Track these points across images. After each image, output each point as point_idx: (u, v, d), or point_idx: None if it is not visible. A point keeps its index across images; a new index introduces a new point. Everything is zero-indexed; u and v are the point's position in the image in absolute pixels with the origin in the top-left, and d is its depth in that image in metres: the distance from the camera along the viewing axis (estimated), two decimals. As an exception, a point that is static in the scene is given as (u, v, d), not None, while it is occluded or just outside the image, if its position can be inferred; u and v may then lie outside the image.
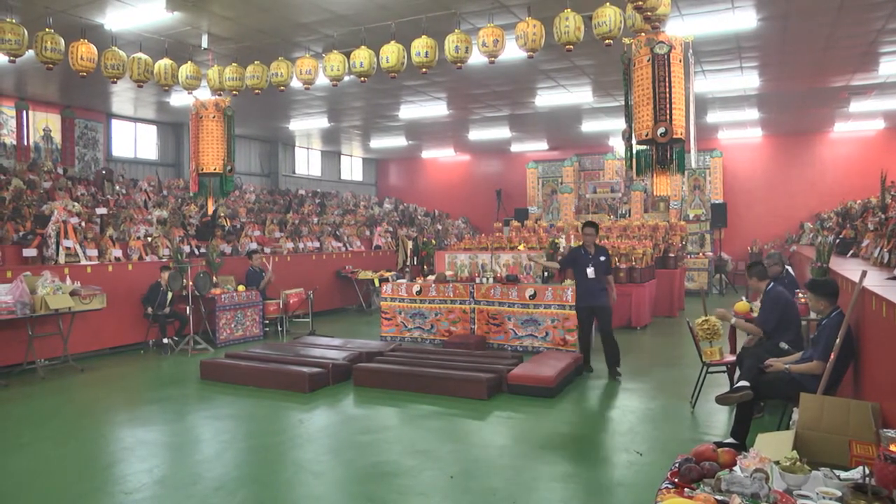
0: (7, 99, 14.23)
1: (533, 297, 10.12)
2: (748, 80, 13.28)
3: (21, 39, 7.65)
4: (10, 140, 14.29)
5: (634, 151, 6.45)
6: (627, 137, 6.67)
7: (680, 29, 9.74)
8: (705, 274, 18.01)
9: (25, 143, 14.20)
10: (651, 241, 14.54)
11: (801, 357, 5.64)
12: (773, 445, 4.00)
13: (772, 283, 6.81)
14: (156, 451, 6.11)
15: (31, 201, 11.48)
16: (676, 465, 3.36)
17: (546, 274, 10.86)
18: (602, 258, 8.95)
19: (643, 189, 19.64)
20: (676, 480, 3.24)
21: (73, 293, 9.42)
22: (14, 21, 7.69)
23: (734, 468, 3.22)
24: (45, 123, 14.99)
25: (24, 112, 14.14)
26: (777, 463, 3.26)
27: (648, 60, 5.77)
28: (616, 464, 5.52)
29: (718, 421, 6.69)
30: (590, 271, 8.83)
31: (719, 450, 3.42)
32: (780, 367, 5.52)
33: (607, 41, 6.85)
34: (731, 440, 5.47)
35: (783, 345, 6.36)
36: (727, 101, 15.46)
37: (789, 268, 9.50)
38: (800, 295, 7.96)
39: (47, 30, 7.91)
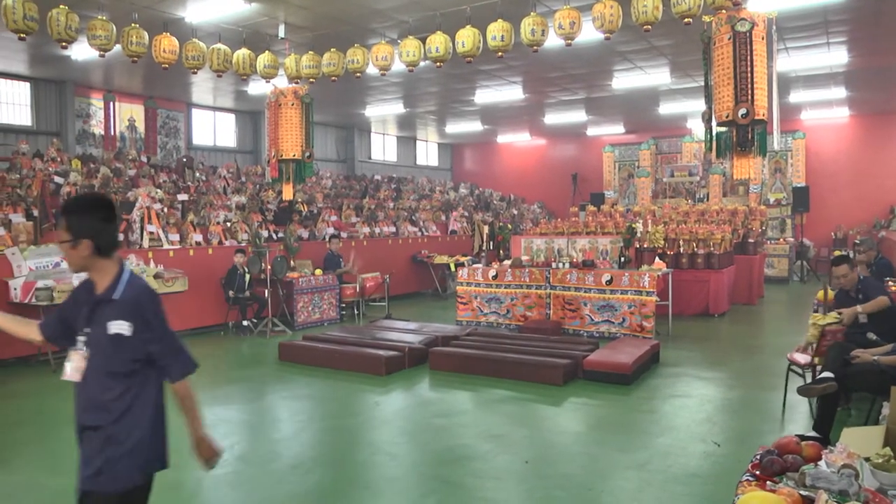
0: (96, 91, 14.90)
1: (609, 282, 10.00)
2: (835, 56, 12.69)
3: (110, 35, 8.01)
4: (99, 130, 14.97)
5: (714, 133, 6.30)
6: (707, 119, 6.51)
7: (762, 4, 9.37)
8: (786, 260, 17.40)
9: (112, 132, 14.91)
10: (730, 226, 14.16)
11: (892, 348, 5.40)
12: (860, 441, 3.86)
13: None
14: (236, 429, 6.32)
15: (117, 188, 11.96)
16: (758, 457, 3.27)
17: (622, 259, 10.68)
18: (116, 327, 2.58)
19: (722, 172, 19.08)
20: (758, 473, 3.15)
21: (156, 276, 9.79)
22: (104, 18, 8.02)
23: (819, 463, 3.10)
24: (129, 114, 15.61)
25: (111, 103, 14.80)
26: (868, 459, 3.13)
27: (729, 39, 5.60)
28: (693, 454, 5.42)
29: (799, 413, 6.48)
30: (68, 366, 2.68)
31: (803, 443, 3.31)
32: (868, 358, 5.30)
33: (686, 20, 6.68)
34: (813, 434, 5.29)
35: (871, 335, 6.10)
36: (812, 79, 14.82)
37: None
38: (891, 283, 7.62)
39: (133, 25, 8.24)
